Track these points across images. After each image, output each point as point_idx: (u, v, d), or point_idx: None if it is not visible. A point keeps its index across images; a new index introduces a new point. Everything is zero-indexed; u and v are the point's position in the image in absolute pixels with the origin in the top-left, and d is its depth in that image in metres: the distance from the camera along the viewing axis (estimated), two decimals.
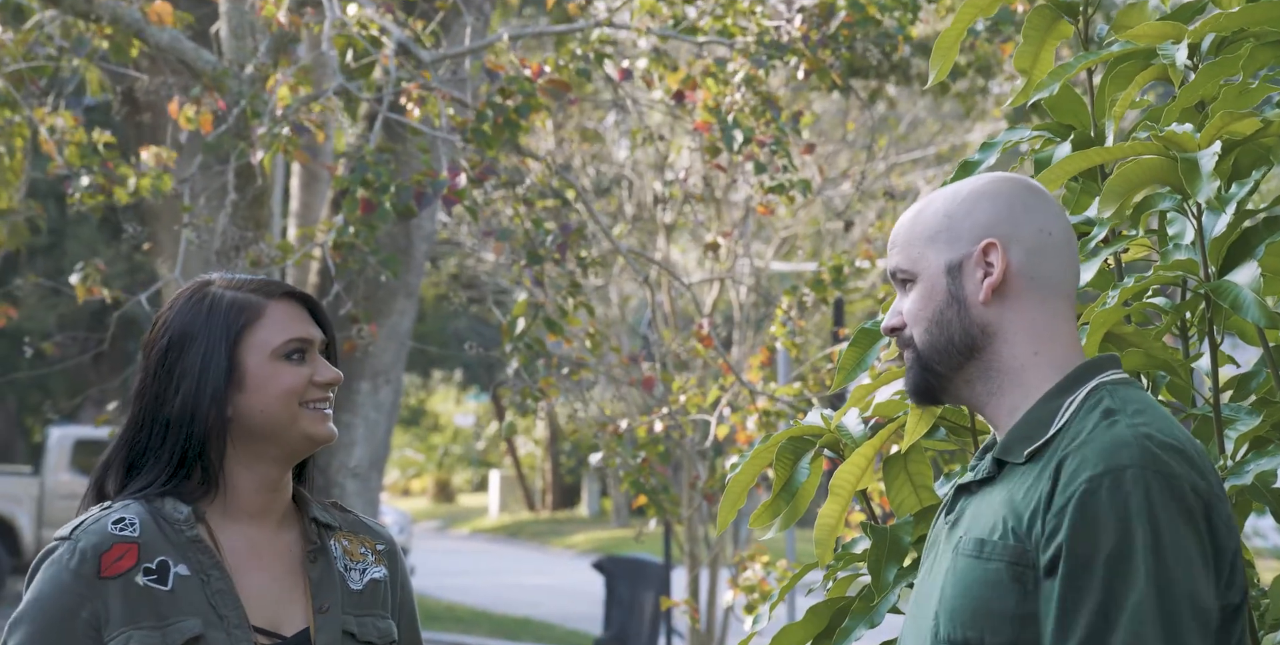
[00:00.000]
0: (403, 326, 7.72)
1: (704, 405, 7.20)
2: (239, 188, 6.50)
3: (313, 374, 2.14)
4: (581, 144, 12.00)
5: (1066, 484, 1.83)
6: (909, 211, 2.00)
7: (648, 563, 15.09)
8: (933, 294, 1.94)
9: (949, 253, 1.94)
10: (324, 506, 2.21)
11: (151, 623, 2.06)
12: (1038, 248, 1.93)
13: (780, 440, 2.37)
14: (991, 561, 1.86)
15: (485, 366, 26.47)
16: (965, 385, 1.95)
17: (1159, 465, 1.82)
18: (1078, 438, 1.86)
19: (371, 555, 2.20)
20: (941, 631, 1.88)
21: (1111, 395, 1.90)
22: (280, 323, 2.14)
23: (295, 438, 2.13)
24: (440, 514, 33.01)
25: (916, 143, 14.97)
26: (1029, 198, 1.95)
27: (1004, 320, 1.92)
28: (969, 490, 1.96)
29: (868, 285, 12.66)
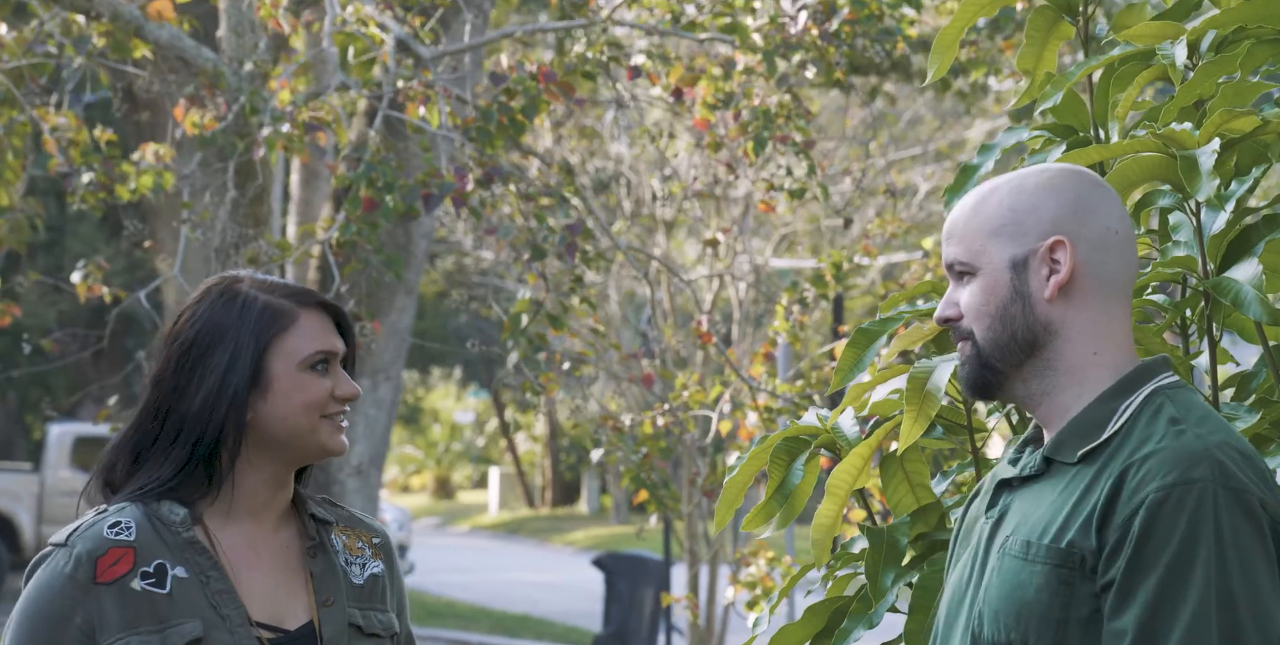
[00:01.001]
0: (402, 323, 7.72)
1: (706, 401, 7.20)
2: (239, 185, 6.50)
3: (335, 387, 2.15)
4: (580, 141, 12.00)
5: (1132, 494, 1.80)
6: (967, 202, 1.95)
7: (648, 559, 15.09)
8: (995, 289, 1.90)
9: (1014, 247, 1.90)
10: (319, 503, 2.22)
11: (150, 627, 2.05)
12: (1102, 245, 1.90)
13: (776, 441, 2.38)
14: (1038, 564, 1.83)
15: (485, 363, 26.47)
16: (1021, 383, 1.91)
17: (1229, 479, 1.80)
18: (1143, 445, 1.83)
19: (369, 550, 2.21)
20: (986, 632, 1.86)
21: (1172, 401, 1.87)
22: (310, 333, 2.14)
23: (311, 447, 2.14)
24: (440, 511, 33.02)
25: (916, 139, 14.97)
26: (1094, 193, 1.92)
27: (1067, 319, 1.89)
28: (1010, 486, 1.93)
29: (867, 282, 12.66)
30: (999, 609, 1.85)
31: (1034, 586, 1.83)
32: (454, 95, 6.02)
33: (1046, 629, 1.82)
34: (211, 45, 6.99)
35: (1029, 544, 1.85)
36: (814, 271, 7.40)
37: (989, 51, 8.37)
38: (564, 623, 16.59)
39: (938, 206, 13.74)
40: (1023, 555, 1.85)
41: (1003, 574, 1.86)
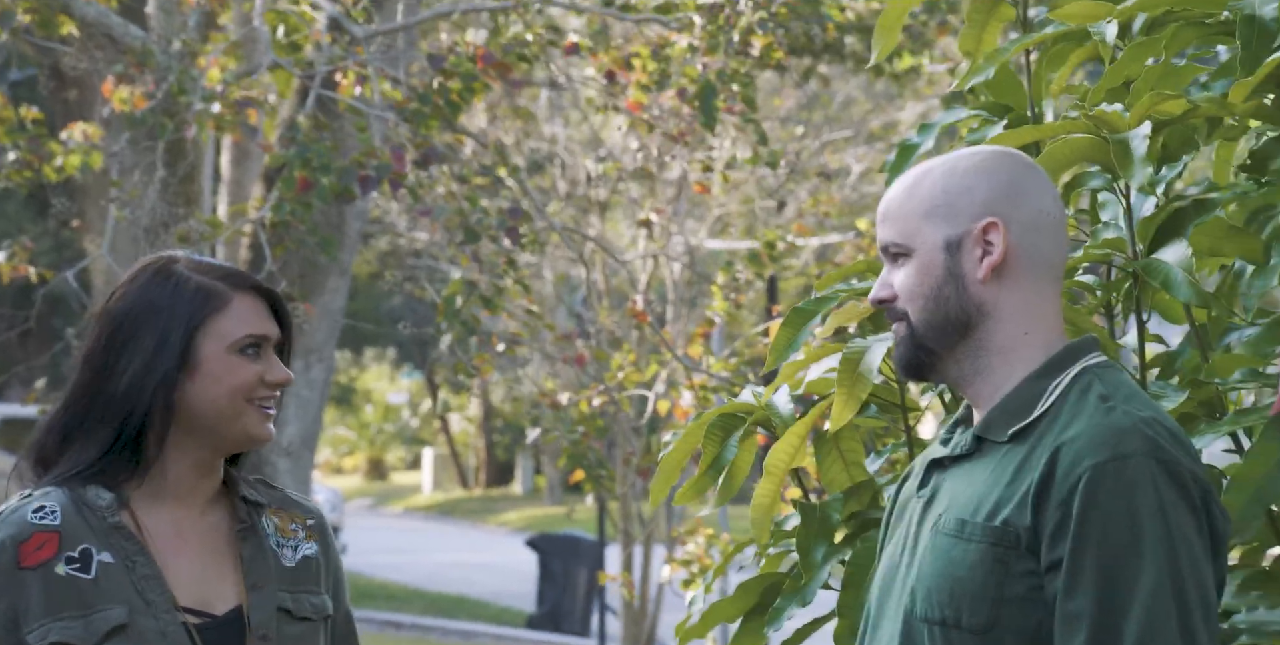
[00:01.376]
0: (335, 304, 7.68)
1: (643, 380, 7.22)
2: (169, 164, 6.43)
3: (265, 372, 2.12)
4: (515, 121, 11.95)
5: (1068, 472, 1.82)
6: (901, 184, 1.96)
7: (581, 540, 15.11)
8: (929, 270, 1.92)
9: (947, 229, 1.91)
10: (251, 484, 2.20)
11: (74, 613, 2.03)
12: (1035, 227, 1.92)
13: (710, 418, 2.38)
14: (973, 542, 1.85)
15: (418, 344, 26.37)
16: (954, 364, 1.93)
17: (1161, 453, 1.82)
18: (1074, 423, 1.85)
19: (302, 531, 2.18)
20: (919, 610, 1.88)
21: (1100, 379, 1.89)
22: (243, 316, 2.11)
23: (235, 433, 2.12)
24: (373, 492, 32.89)
25: (849, 121, 15.03)
26: (1027, 175, 1.94)
27: (1000, 300, 1.91)
28: (942, 465, 1.95)
29: (801, 263, 12.71)
30: (932, 586, 1.87)
31: (968, 564, 1.85)
32: (388, 75, 5.99)
33: (980, 606, 1.83)
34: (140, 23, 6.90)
35: (963, 522, 1.86)
36: (749, 251, 7.41)
37: (923, 35, 8.42)
38: (498, 603, 16.58)
39: (871, 187, 13.81)
40: (957, 533, 1.87)
41: (936, 552, 1.88)
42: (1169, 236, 2.22)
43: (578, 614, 15.08)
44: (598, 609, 14.12)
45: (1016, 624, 1.83)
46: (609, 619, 14.20)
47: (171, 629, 2.05)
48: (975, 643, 1.84)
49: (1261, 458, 2.11)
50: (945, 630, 1.85)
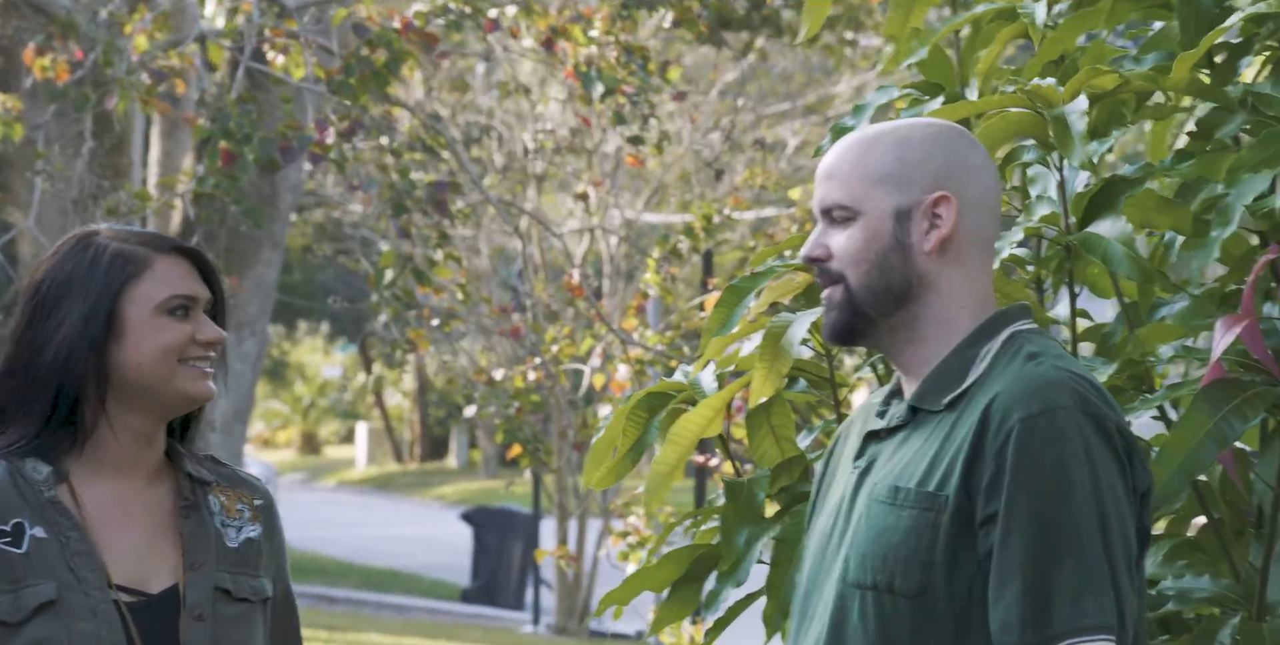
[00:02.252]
0: (268, 278, 7.61)
1: (578, 354, 7.21)
2: (96, 135, 6.34)
3: (195, 332, 2.09)
4: (451, 94, 11.88)
5: (999, 426, 1.84)
6: (849, 146, 1.96)
7: (516, 513, 15.10)
8: (877, 236, 1.92)
9: (899, 197, 1.91)
10: (199, 461, 2.16)
11: (3, 587, 2.01)
12: (979, 204, 1.94)
13: (637, 399, 2.37)
14: (905, 508, 1.87)
15: (353, 318, 26.23)
16: (888, 331, 1.94)
17: (1088, 405, 1.85)
18: (1002, 380, 1.87)
19: (248, 511, 2.15)
20: (851, 575, 1.89)
21: (1030, 341, 1.92)
22: (165, 277, 2.09)
23: (171, 395, 2.09)
24: (306, 466, 32.75)
25: (785, 94, 15.04)
26: (974, 152, 1.96)
27: (941, 274, 1.92)
28: (878, 437, 1.96)
29: (737, 236, 12.73)
30: (866, 552, 1.88)
31: (901, 529, 1.86)
32: (318, 46, 5.92)
33: (913, 571, 1.85)
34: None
35: (897, 489, 1.88)
36: (685, 225, 7.41)
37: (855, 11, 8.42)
38: (432, 577, 16.56)
39: (806, 161, 13.84)
40: (890, 500, 1.88)
41: (870, 519, 1.89)
42: (1101, 210, 2.23)
43: (512, 587, 15.09)
44: (532, 582, 14.13)
45: (948, 587, 1.85)
46: (544, 592, 14.22)
47: (102, 607, 2.02)
48: (907, 607, 1.86)
49: (1190, 428, 2.13)
50: (878, 595, 1.87)
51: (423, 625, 13.29)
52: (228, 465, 2.21)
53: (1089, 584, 1.80)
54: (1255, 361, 2.17)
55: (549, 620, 13.67)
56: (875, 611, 1.87)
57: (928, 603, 1.85)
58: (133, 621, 2.03)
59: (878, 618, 1.86)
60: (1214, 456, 2.12)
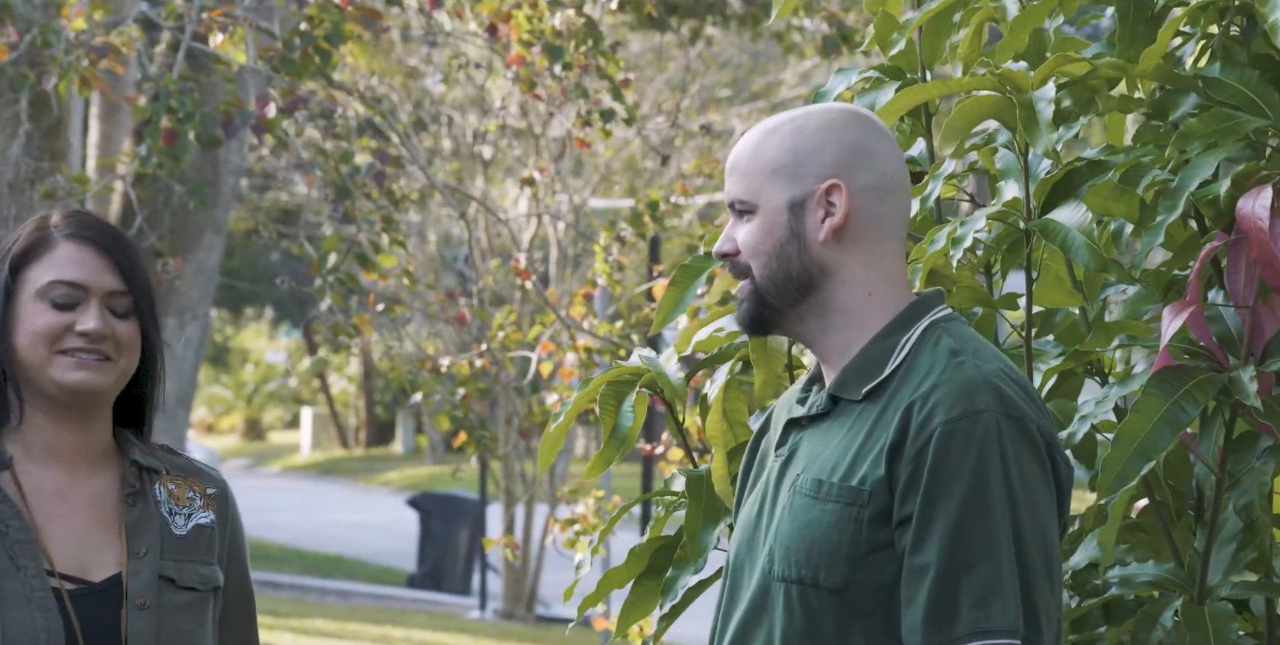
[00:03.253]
0: (210, 261, 7.54)
1: (526, 340, 7.17)
2: (33, 117, 6.24)
3: (76, 321, 2.06)
4: (398, 78, 11.81)
5: (920, 428, 1.85)
6: (750, 139, 1.97)
7: (463, 499, 15.08)
8: (773, 229, 1.93)
9: (792, 189, 1.93)
10: (149, 450, 2.13)
11: None
12: (878, 190, 1.94)
13: (600, 385, 2.37)
14: (829, 502, 1.87)
15: (297, 302, 26.08)
16: (798, 321, 1.95)
17: (1010, 408, 1.86)
18: (926, 379, 1.88)
19: (200, 499, 2.12)
20: (776, 569, 1.89)
21: (948, 333, 1.92)
22: (59, 263, 2.07)
23: (46, 383, 2.07)
24: (250, 452, 32.57)
25: (731, 80, 15.06)
26: (873, 138, 1.95)
27: (841, 261, 1.93)
28: (799, 424, 1.96)
29: (684, 223, 12.73)
30: (790, 546, 1.88)
31: (825, 524, 1.87)
32: (257, 27, 5.85)
33: (837, 565, 1.86)
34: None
35: (820, 483, 1.88)
36: (631, 211, 7.39)
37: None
38: (378, 563, 16.51)
39: None
40: (813, 494, 1.88)
41: (794, 512, 1.89)
42: (1062, 196, 2.24)
43: (459, 573, 15.06)
44: (479, 568, 14.11)
45: (873, 581, 1.85)
46: (490, 578, 14.20)
47: (40, 595, 2.00)
48: (832, 601, 1.86)
49: (1144, 413, 2.15)
50: (803, 589, 1.87)
51: (368, 610, 13.25)
52: (182, 454, 2.18)
53: (996, 589, 1.81)
54: (1202, 347, 2.18)
55: (496, 606, 13.66)
56: (800, 605, 1.87)
57: (852, 597, 1.85)
58: (73, 610, 2.01)
59: (803, 611, 1.87)
60: (1169, 441, 2.14)
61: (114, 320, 2.08)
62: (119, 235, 2.13)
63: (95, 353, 2.06)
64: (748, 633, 1.91)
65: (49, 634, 1.98)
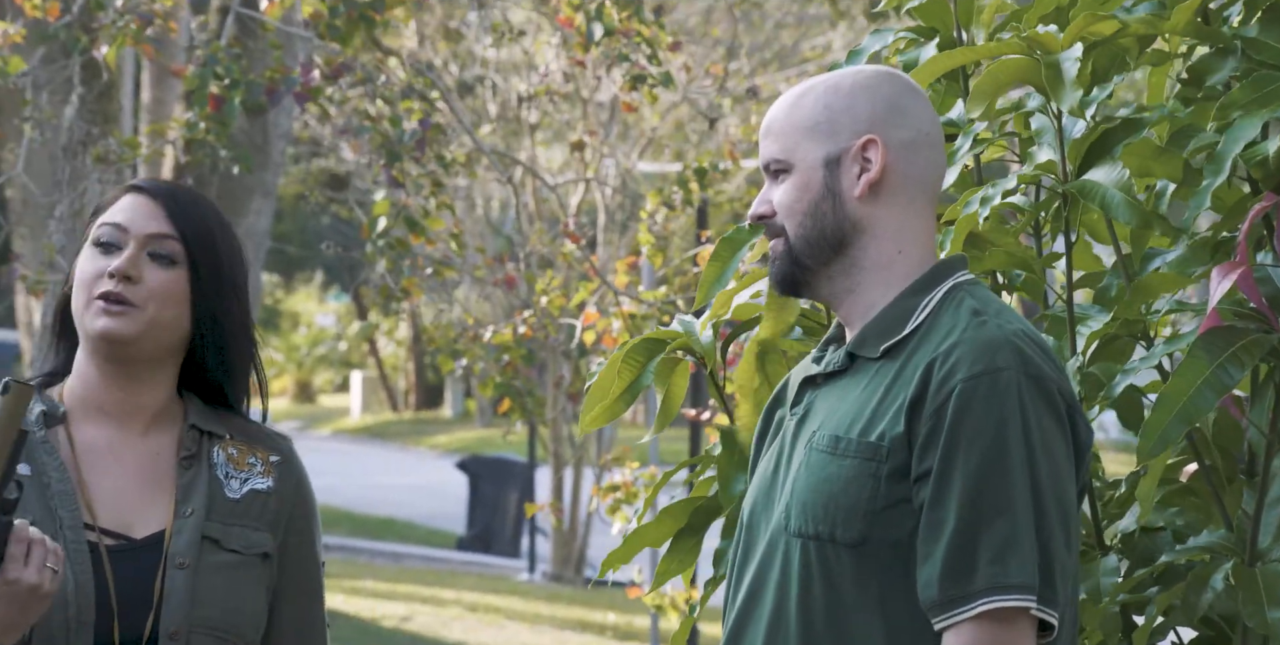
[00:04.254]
0: (260, 225, 7.58)
1: (568, 307, 7.19)
2: (85, 82, 6.29)
3: (107, 266, 2.05)
4: (444, 43, 11.81)
5: (941, 384, 1.85)
6: (784, 100, 1.98)
7: (511, 462, 15.15)
8: (808, 186, 1.94)
9: (827, 146, 1.94)
10: (215, 414, 2.12)
11: None
12: (913, 146, 1.94)
13: (634, 344, 2.37)
14: (846, 458, 1.88)
15: (347, 266, 26.18)
16: (827, 281, 1.95)
17: (1031, 367, 1.86)
18: (948, 337, 1.88)
19: (261, 466, 2.11)
20: (792, 525, 1.90)
21: (971, 295, 1.93)
22: (115, 210, 2.08)
23: (84, 330, 2.07)
24: (301, 415, 32.80)
25: (779, 44, 14.96)
26: (908, 95, 1.96)
27: (875, 217, 1.93)
28: (815, 383, 1.97)
29: (732, 188, 12.70)
30: (807, 502, 1.89)
31: (842, 480, 1.87)
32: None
33: (854, 520, 1.86)
34: None
35: (837, 438, 1.89)
36: (679, 176, 7.38)
37: None
38: (427, 525, 16.63)
39: None
40: (831, 449, 1.89)
41: (810, 468, 1.90)
42: (1098, 157, 2.22)
43: (508, 536, 15.15)
44: (528, 531, 14.19)
45: (889, 537, 1.86)
46: (539, 541, 14.28)
47: (74, 546, 2.01)
48: (849, 556, 1.87)
49: (1188, 376, 2.14)
50: (820, 544, 1.88)
51: (419, 572, 13.37)
52: (254, 422, 2.17)
53: (1014, 545, 1.82)
54: (1251, 309, 2.18)
55: (544, 568, 13.74)
56: (817, 561, 1.88)
57: (869, 552, 1.86)
58: (109, 563, 2.02)
59: (820, 567, 1.87)
60: (1212, 404, 2.13)
61: (151, 266, 2.05)
62: (182, 187, 2.13)
63: (119, 299, 2.03)
64: (762, 590, 1.91)
65: (78, 586, 1.99)
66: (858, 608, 1.86)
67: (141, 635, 2.01)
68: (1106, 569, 2.26)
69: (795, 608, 1.88)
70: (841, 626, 1.86)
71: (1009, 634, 1.81)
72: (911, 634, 1.85)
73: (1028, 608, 1.81)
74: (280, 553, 2.11)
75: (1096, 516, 2.33)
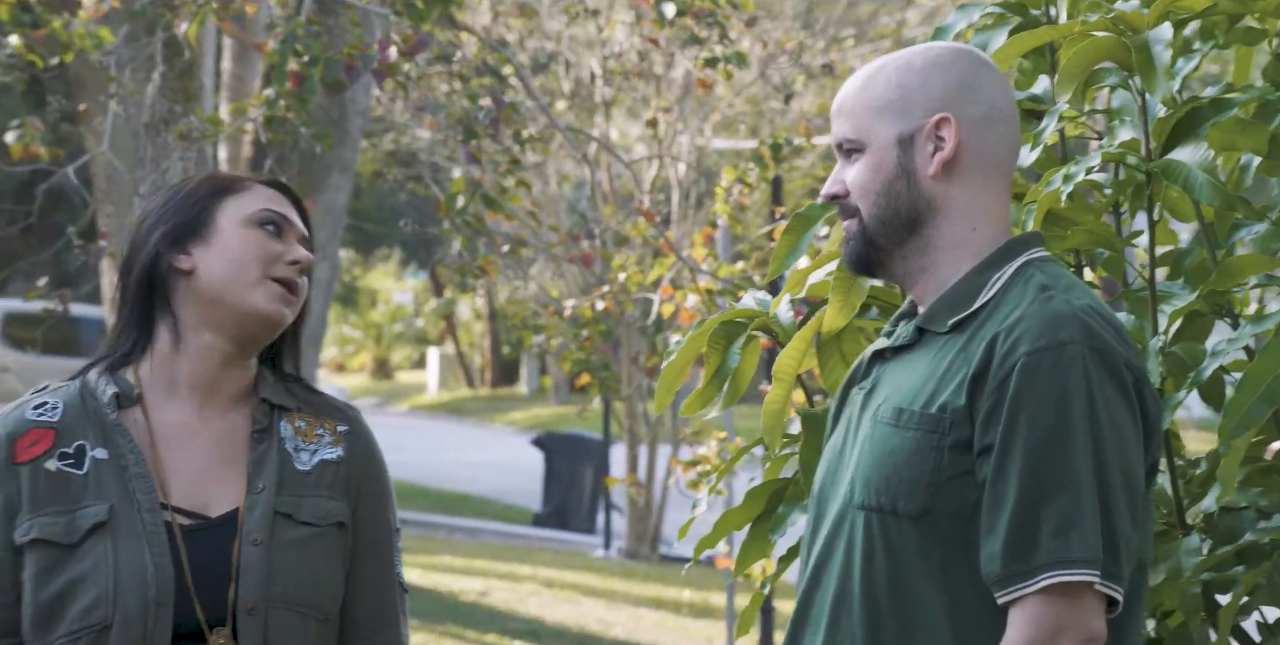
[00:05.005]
0: (338, 202, 7.64)
1: (645, 283, 7.20)
2: (167, 59, 6.35)
3: (286, 252, 2.10)
4: (518, 19, 11.82)
5: (1005, 357, 1.84)
6: (855, 79, 1.97)
7: (587, 439, 15.19)
8: (882, 166, 1.93)
9: (900, 124, 1.93)
10: (285, 387, 2.15)
11: (59, 508, 2.03)
12: (987, 123, 1.93)
13: (713, 326, 2.37)
14: (909, 430, 1.88)
15: (424, 243, 26.34)
16: (901, 260, 1.95)
17: (1096, 341, 1.85)
18: (1014, 311, 1.87)
19: (330, 436, 2.13)
20: (856, 497, 1.90)
21: (1041, 271, 1.91)
22: (260, 197, 2.12)
23: (245, 307, 2.08)
24: (379, 391, 33.08)
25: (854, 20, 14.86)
26: (981, 72, 1.95)
27: (949, 195, 1.93)
28: (884, 357, 1.97)
29: (807, 164, 12.63)
30: (870, 474, 1.89)
31: (905, 452, 1.87)
32: None
33: (915, 492, 1.86)
34: None
35: (900, 411, 1.89)
36: (754, 152, 7.35)
37: None
38: (503, 501, 16.73)
39: None
40: (894, 422, 1.89)
41: (874, 441, 1.90)
42: (1184, 136, 2.19)
43: (583, 512, 15.22)
44: (603, 507, 14.25)
45: (951, 509, 1.85)
46: (615, 517, 14.33)
47: (152, 528, 2.03)
48: (911, 528, 1.86)
49: (1273, 355, 2.11)
50: (882, 517, 1.87)
51: (495, 548, 13.46)
52: (320, 393, 2.19)
53: (1076, 519, 1.80)
54: None
55: (620, 545, 13.79)
56: (880, 533, 1.87)
57: (931, 525, 1.86)
58: (184, 545, 2.04)
59: (883, 539, 1.87)
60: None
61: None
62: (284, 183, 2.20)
63: (295, 285, 2.10)
64: (828, 562, 1.92)
65: (157, 568, 2.01)
66: (920, 580, 1.86)
67: (221, 613, 2.03)
68: (1188, 549, 2.24)
69: (859, 580, 1.88)
70: (904, 599, 1.86)
71: (1074, 609, 1.79)
72: (974, 606, 1.84)
73: (1091, 582, 1.80)
74: (354, 520, 2.13)
75: (1178, 495, 2.30)
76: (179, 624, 2.02)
